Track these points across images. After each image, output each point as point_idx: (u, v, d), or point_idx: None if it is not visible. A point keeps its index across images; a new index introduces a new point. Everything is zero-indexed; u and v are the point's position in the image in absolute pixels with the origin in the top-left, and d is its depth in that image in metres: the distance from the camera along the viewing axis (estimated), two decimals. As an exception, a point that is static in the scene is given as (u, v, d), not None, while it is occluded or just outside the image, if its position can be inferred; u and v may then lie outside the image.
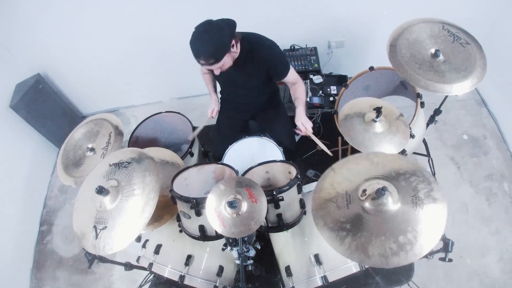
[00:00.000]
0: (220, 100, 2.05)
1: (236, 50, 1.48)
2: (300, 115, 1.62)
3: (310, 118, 2.49)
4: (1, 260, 2.13)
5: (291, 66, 1.67)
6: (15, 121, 2.41)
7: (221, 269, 1.43)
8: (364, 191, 1.06)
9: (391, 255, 0.93)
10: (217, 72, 1.49)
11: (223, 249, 1.41)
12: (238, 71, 1.59)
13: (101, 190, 1.13)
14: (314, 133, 1.63)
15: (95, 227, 1.14)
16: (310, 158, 2.46)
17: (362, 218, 1.02)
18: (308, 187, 1.45)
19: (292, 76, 1.69)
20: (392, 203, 1.01)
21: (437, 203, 0.99)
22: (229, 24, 1.42)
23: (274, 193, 1.21)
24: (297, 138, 2.49)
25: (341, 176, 1.14)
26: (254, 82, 1.72)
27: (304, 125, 1.59)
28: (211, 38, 1.36)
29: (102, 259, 1.39)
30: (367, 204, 1.04)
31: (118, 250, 1.09)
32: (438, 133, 2.53)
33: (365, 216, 1.02)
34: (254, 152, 1.72)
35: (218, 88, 1.96)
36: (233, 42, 1.42)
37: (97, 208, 1.17)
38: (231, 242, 1.22)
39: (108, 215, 1.14)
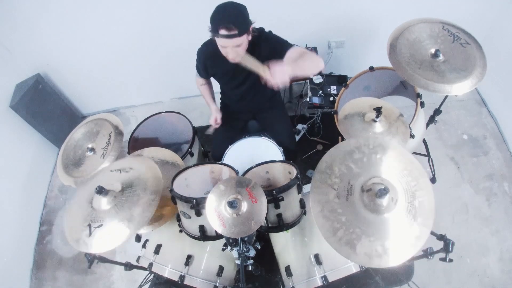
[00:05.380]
0: (220, 101, 2.05)
1: (250, 37, 1.46)
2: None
3: (310, 118, 2.52)
4: (1, 260, 2.13)
5: (295, 46, 1.56)
6: (15, 121, 2.41)
7: (221, 269, 1.43)
8: (365, 189, 1.05)
9: (375, 256, 0.96)
10: (232, 55, 1.43)
11: (223, 249, 1.41)
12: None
13: (100, 190, 1.13)
14: (313, 134, 1.61)
15: (89, 225, 1.14)
16: (310, 158, 2.46)
17: (358, 214, 1.03)
18: (308, 187, 1.44)
19: (296, 51, 1.54)
20: (391, 205, 1.01)
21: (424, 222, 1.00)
22: None
23: (274, 193, 1.21)
24: (297, 138, 2.50)
25: (347, 165, 1.13)
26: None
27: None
28: (235, 9, 1.37)
29: (102, 259, 1.39)
30: (366, 201, 1.04)
31: (108, 249, 1.10)
32: (438, 133, 2.53)
33: (362, 213, 1.03)
34: (254, 152, 1.71)
35: (217, 90, 1.95)
36: (251, 27, 1.42)
37: (95, 207, 1.18)
38: (231, 242, 1.22)
39: (105, 214, 1.15)
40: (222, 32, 1.35)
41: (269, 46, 1.55)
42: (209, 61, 1.67)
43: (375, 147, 1.14)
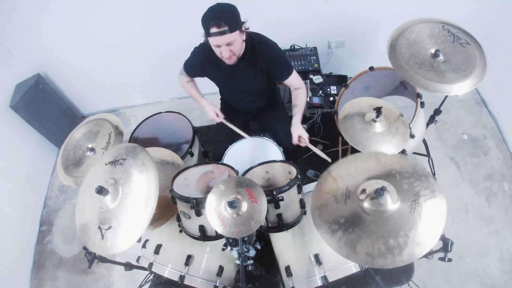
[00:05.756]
0: (221, 101, 2.05)
1: (244, 37, 1.48)
2: (297, 125, 1.62)
3: (310, 118, 2.52)
4: (1, 260, 2.13)
5: (294, 71, 1.68)
6: (15, 121, 2.41)
7: (221, 269, 1.43)
8: (364, 190, 1.06)
9: (378, 256, 0.94)
10: (226, 54, 1.44)
11: (223, 249, 1.41)
12: (241, 69, 1.59)
13: (101, 190, 1.13)
14: (313, 134, 1.62)
15: (99, 228, 1.13)
16: (310, 158, 2.45)
17: (356, 215, 1.03)
18: (308, 187, 1.45)
19: (294, 80, 1.70)
20: (389, 204, 1.01)
21: (435, 213, 0.99)
22: None
23: (274, 193, 1.21)
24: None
25: (343, 172, 1.14)
26: (255, 83, 1.71)
27: (302, 136, 1.60)
28: (225, 8, 1.40)
29: (102, 259, 1.38)
30: (364, 203, 1.04)
31: (124, 248, 1.08)
32: (438, 133, 2.53)
33: (360, 214, 1.03)
34: (254, 152, 1.71)
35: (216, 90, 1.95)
36: (243, 26, 1.44)
37: (99, 209, 1.17)
38: (231, 242, 1.22)
39: (112, 215, 1.14)
40: (213, 30, 1.36)
41: (269, 59, 1.59)
42: (207, 63, 1.66)
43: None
